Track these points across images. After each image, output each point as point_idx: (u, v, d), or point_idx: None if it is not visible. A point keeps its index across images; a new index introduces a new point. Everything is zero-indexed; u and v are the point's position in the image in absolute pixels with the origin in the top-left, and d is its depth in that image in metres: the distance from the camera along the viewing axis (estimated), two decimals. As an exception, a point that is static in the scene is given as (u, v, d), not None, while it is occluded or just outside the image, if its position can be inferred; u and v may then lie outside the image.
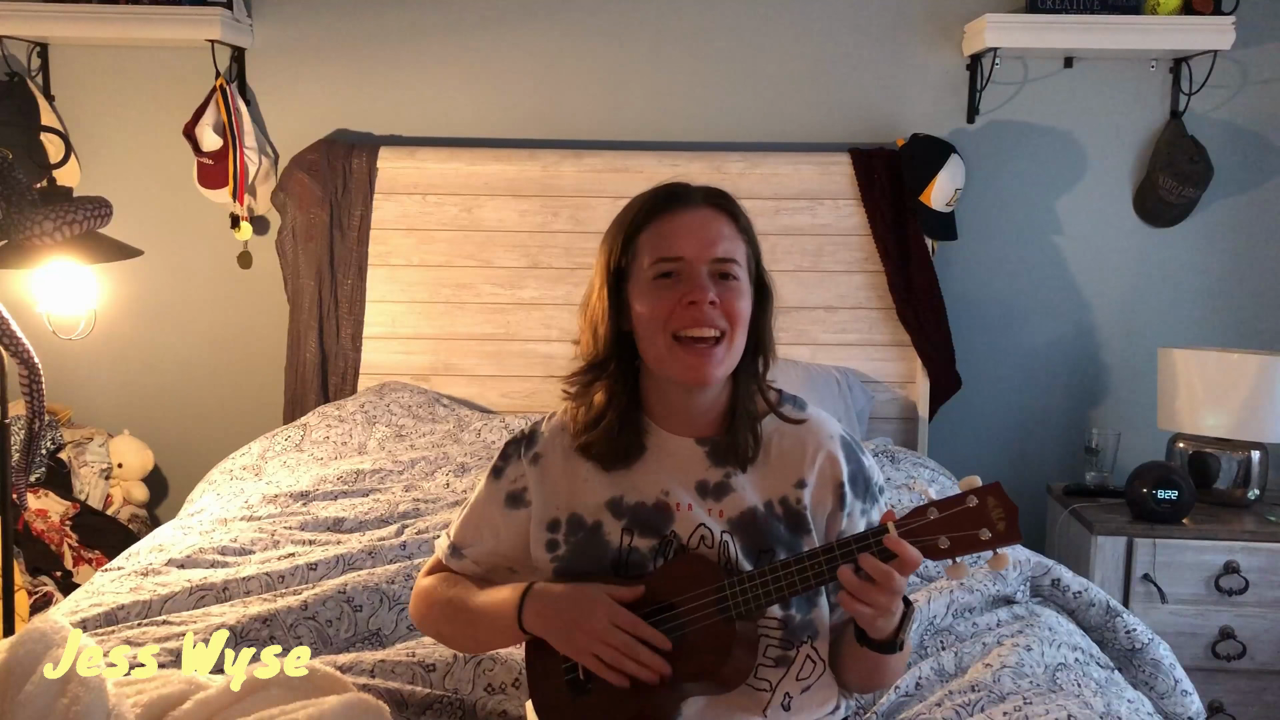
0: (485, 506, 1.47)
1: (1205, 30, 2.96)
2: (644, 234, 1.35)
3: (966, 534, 1.25)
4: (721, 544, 1.35)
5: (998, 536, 1.25)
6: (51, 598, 2.72)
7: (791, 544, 1.36)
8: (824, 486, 1.38)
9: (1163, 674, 1.96)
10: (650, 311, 1.33)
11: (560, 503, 1.41)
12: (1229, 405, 2.88)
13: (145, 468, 3.24)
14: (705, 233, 1.34)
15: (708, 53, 3.26)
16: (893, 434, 3.21)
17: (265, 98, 3.29)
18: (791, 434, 1.40)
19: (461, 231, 3.21)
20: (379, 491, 2.52)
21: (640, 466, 1.39)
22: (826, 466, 1.39)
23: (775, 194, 3.15)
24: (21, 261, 1.96)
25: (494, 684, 1.70)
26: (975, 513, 1.25)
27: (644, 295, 1.34)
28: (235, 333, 3.34)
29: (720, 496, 1.37)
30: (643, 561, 1.36)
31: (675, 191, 1.37)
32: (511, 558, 1.46)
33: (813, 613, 1.36)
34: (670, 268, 1.33)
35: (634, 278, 1.36)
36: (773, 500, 1.37)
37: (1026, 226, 3.28)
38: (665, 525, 1.37)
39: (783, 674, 1.35)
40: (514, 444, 1.47)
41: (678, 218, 1.34)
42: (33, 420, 2.01)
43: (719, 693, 1.33)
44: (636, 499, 1.38)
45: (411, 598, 1.53)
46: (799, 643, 1.35)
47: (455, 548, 1.49)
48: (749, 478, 1.38)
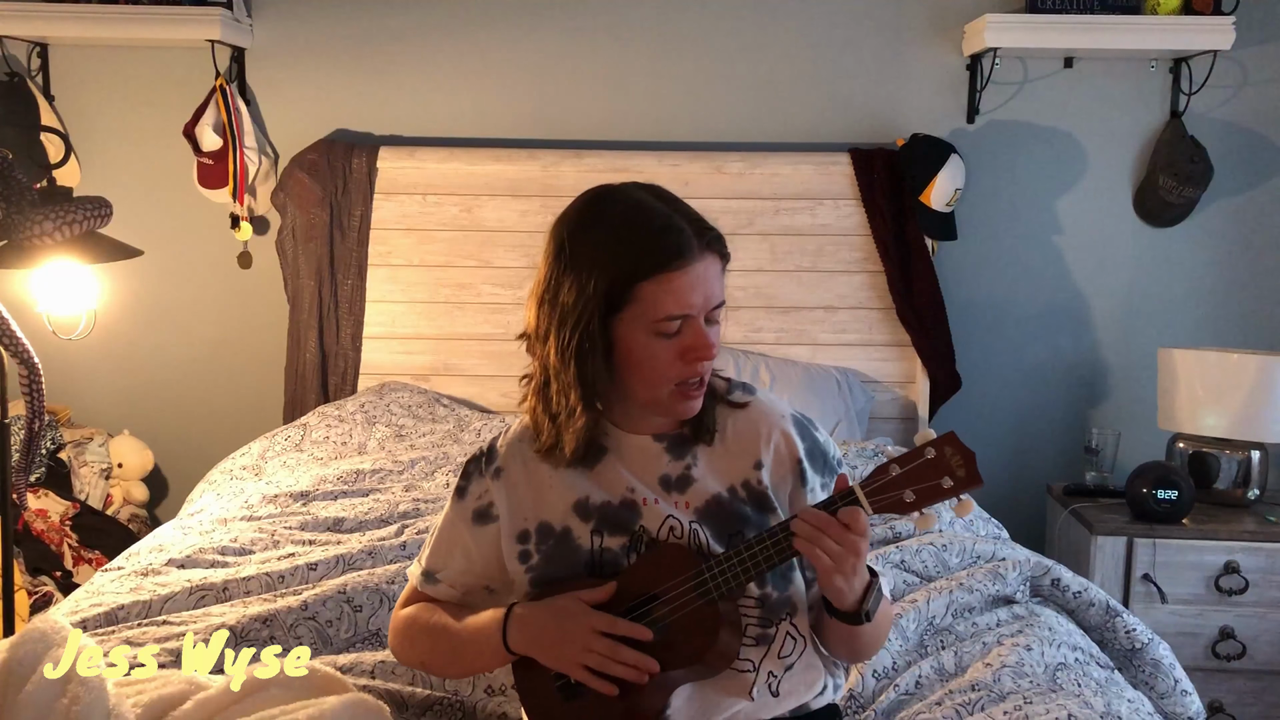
0: (453, 528, 1.47)
1: (1205, 30, 2.96)
2: (647, 284, 1.29)
3: (929, 484, 1.29)
4: (691, 533, 1.37)
5: (959, 483, 1.29)
6: (51, 598, 2.72)
7: (760, 523, 1.38)
8: (781, 465, 1.40)
9: (1163, 674, 1.96)
10: (653, 362, 1.32)
11: (527, 513, 1.41)
12: (1229, 405, 2.88)
13: (145, 468, 3.24)
14: (707, 286, 1.32)
15: (708, 53, 3.26)
16: (893, 434, 3.20)
17: (265, 98, 3.29)
18: (744, 418, 1.42)
19: (461, 231, 3.21)
20: (379, 491, 2.52)
21: (602, 466, 1.40)
22: (782, 445, 1.41)
23: (775, 194, 3.15)
24: (21, 261, 1.96)
25: (494, 685, 1.70)
26: (935, 463, 1.29)
27: (644, 344, 1.32)
28: (235, 333, 3.34)
29: (684, 488, 1.39)
30: (616, 560, 1.37)
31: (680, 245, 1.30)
32: (486, 575, 1.45)
33: (789, 589, 1.38)
34: (677, 325, 1.32)
35: (626, 319, 1.31)
36: (735, 485, 1.39)
37: (1026, 226, 3.29)
38: (633, 521, 1.38)
39: (764, 652, 1.37)
40: (474, 462, 1.48)
41: (686, 274, 1.30)
42: (33, 420, 2.01)
43: (707, 676, 1.34)
44: (602, 498, 1.39)
45: (390, 632, 1.52)
46: (778, 620, 1.37)
47: (429, 573, 1.48)
48: (708, 466, 1.40)
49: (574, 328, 1.31)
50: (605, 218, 1.34)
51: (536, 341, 1.38)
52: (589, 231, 1.33)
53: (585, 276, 1.31)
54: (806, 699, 1.41)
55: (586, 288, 1.30)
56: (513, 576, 1.43)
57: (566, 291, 1.32)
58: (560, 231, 1.36)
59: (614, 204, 1.36)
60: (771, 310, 3.19)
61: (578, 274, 1.31)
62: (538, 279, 1.37)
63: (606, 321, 1.32)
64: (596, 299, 1.30)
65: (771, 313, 3.20)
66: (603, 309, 1.31)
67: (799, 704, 1.40)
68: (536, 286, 1.37)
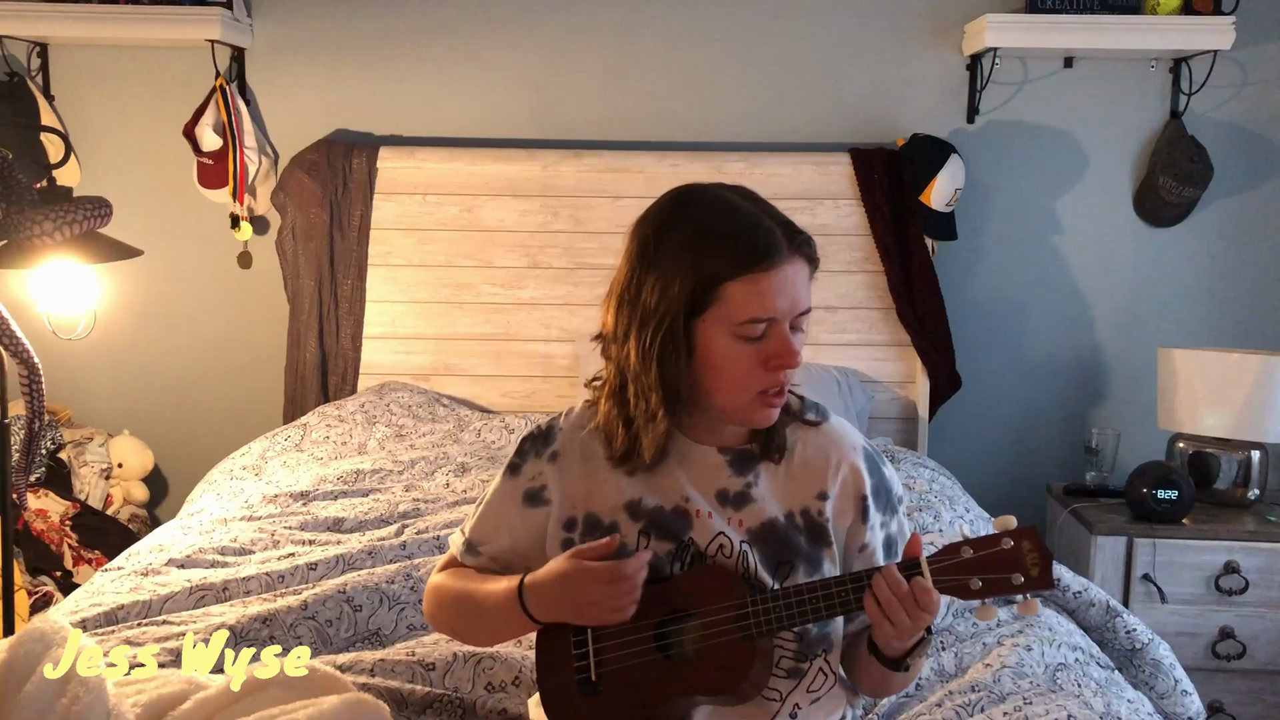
0: (502, 504, 1.44)
1: (1205, 30, 2.96)
2: (733, 284, 1.26)
3: (999, 577, 1.24)
4: (740, 554, 1.33)
5: (1030, 582, 1.23)
6: (51, 598, 2.72)
7: (811, 556, 1.34)
8: (846, 498, 1.36)
9: (1163, 674, 1.96)
10: (735, 367, 1.29)
11: (578, 502, 1.39)
12: (1229, 405, 2.88)
13: (145, 468, 3.24)
14: (795, 290, 1.29)
15: (708, 53, 3.26)
16: (893, 434, 3.21)
17: (265, 98, 3.29)
18: (814, 444, 1.39)
19: (461, 231, 3.21)
20: (379, 491, 2.52)
21: (661, 470, 1.37)
22: (849, 479, 1.37)
23: (775, 194, 3.09)
24: (21, 261, 1.96)
25: (494, 682, 1.70)
26: (1009, 555, 1.24)
27: (726, 347, 1.28)
28: (235, 333, 3.34)
29: (740, 506, 1.35)
30: (659, 565, 1.35)
31: (769, 245, 1.27)
32: (529, 556, 1.43)
33: (829, 627, 1.35)
34: (762, 329, 1.28)
35: (710, 320, 1.28)
36: (794, 511, 1.36)
37: (1026, 226, 3.28)
38: (683, 531, 1.35)
39: (794, 685, 1.35)
40: (530, 440, 1.44)
41: (774, 276, 1.26)
42: (33, 420, 2.00)
43: (733, 704, 1.32)
44: (655, 502, 1.36)
45: (425, 595, 1.51)
46: (813, 656, 1.35)
47: (470, 544, 1.47)
48: (769, 487, 1.36)
49: (656, 328, 1.27)
50: (691, 216, 1.30)
51: (614, 343, 1.34)
52: (674, 230, 1.30)
53: (670, 276, 1.27)
54: None
55: (671, 287, 1.27)
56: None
57: (649, 291, 1.28)
58: (643, 230, 1.32)
59: (700, 203, 1.32)
60: (771, 310, 3.19)
61: (661, 273, 1.28)
62: (616, 279, 1.34)
63: (689, 323, 1.28)
64: (681, 299, 1.27)
65: (771, 313, 3.19)
66: (686, 310, 1.27)
67: None
68: (615, 286, 1.33)
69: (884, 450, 2.79)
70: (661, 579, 1.34)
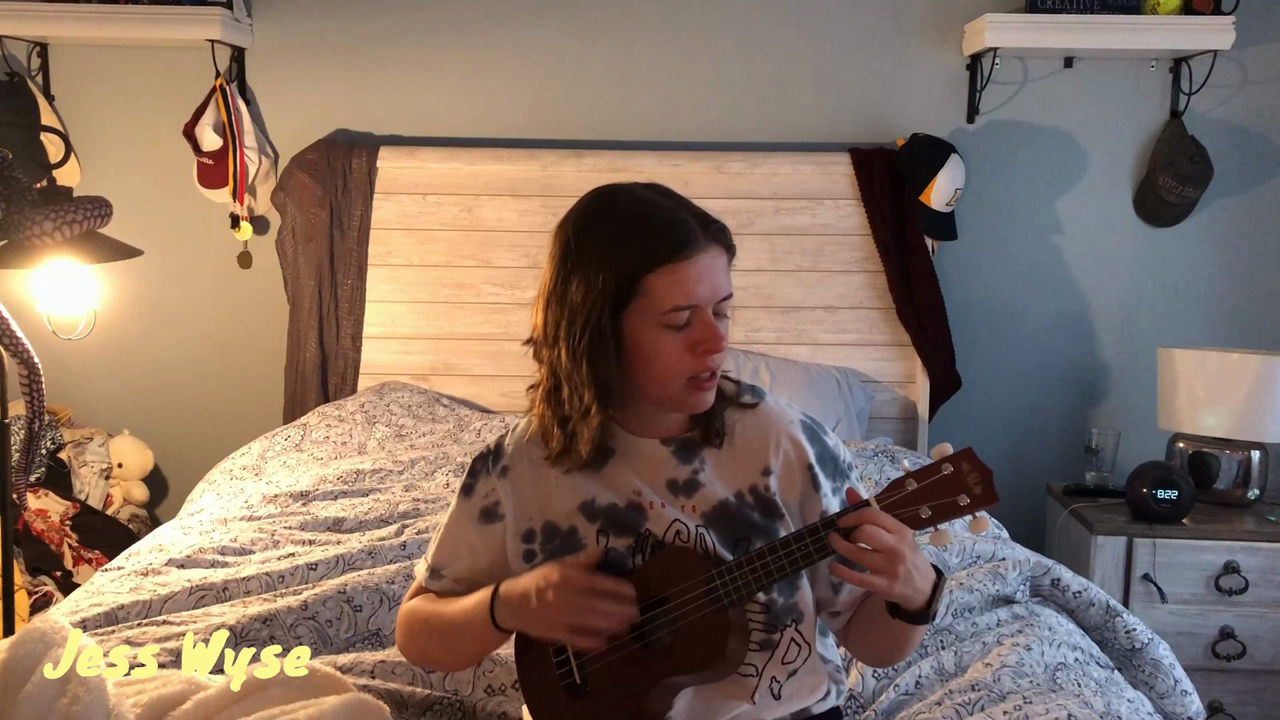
0: (459, 526, 1.47)
1: (1205, 30, 2.96)
2: (654, 276, 1.30)
3: (946, 501, 1.28)
4: (698, 537, 1.36)
5: (976, 500, 1.27)
6: (51, 598, 2.72)
7: (766, 528, 1.37)
8: (791, 471, 1.40)
9: (1163, 674, 1.96)
10: (663, 356, 1.32)
11: (533, 513, 1.41)
12: (1229, 405, 2.88)
13: (145, 468, 3.24)
14: (715, 276, 1.33)
15: (708, 53, 3.26)
16: (893, 434, 3.21)
17: (265, 98, 3.30)
18: (753, 424, 1.42)
19: (461, 231, 3.21)
20: (379, 491, 2.52)
21: (610, 469, 1.40)
22: (791, 451, 1.40)
23: (775, 194, 3.15)
24: (21, 261, 1.96)
25: (494, 685, 1.70)
26: (951, 479, 1.28)
27: (654, 338, 1.32)
28: (235, 333, 3.34)
29: (691, 493, 1.39)
30: (621, 560, 1.37)
31: (686, 236, 1.31)
32: (492, 574, 1.45)
33: (795, 596, 1.38)
34: (685, 316, 1.32)
35: (635, 312, 1.32)
36: (742, 490, 1.39)
37: (1026, 226, 3.29)
38: (639, 524, 1.38)
39: (767, 658, 1.37)
40: (481, 460, 1.47)
41: (693, 264, 1.31)
42: (33, 420, 2.01)
43: (712, 681, 1.35)
44: (609, 500, 1.39)
45: (395, 628, 1.53)
46: (782, 626, 1.37)
47: (434, 569, 1.49)
48: (715, 471, 1.39)
49: (584, 325, 1.31)
50: (610, 214, 1.35)
51: (545, 345, 1.37)
52: (594, 229, 1.34)
53: (593, 273, 1.31)
54: (809, 703, 1.41)
55: (595, 284, 1.30)
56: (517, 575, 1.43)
57: (574, 290, 1.32)
58: (565, 232, 1.36)
59: (618, 201, 1.36)
60: (771, 310, 3.19)
61: (585, 271, 1.31)
62: (543, 282, 1.37)
63: (616, 318, 1.32)
64: (605, 294, 1.30)
65: (771, 313, 3.20)
66: (612, 305, 1.31)
67: (801, 707, 1.40)
68: (542, 289, 1.36)
69: (884, 450, 2.79)
70: (626, 573, 1.36)
